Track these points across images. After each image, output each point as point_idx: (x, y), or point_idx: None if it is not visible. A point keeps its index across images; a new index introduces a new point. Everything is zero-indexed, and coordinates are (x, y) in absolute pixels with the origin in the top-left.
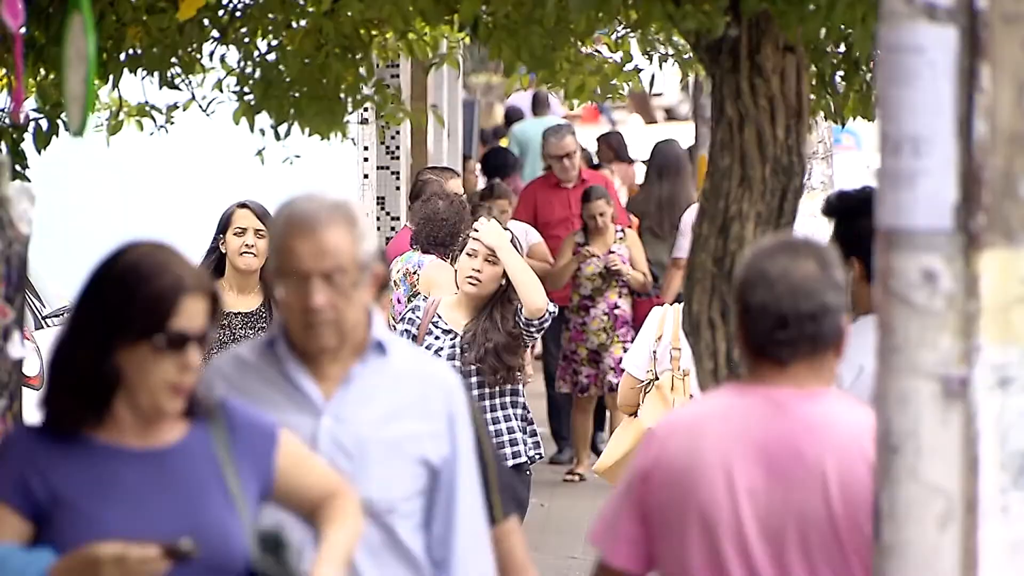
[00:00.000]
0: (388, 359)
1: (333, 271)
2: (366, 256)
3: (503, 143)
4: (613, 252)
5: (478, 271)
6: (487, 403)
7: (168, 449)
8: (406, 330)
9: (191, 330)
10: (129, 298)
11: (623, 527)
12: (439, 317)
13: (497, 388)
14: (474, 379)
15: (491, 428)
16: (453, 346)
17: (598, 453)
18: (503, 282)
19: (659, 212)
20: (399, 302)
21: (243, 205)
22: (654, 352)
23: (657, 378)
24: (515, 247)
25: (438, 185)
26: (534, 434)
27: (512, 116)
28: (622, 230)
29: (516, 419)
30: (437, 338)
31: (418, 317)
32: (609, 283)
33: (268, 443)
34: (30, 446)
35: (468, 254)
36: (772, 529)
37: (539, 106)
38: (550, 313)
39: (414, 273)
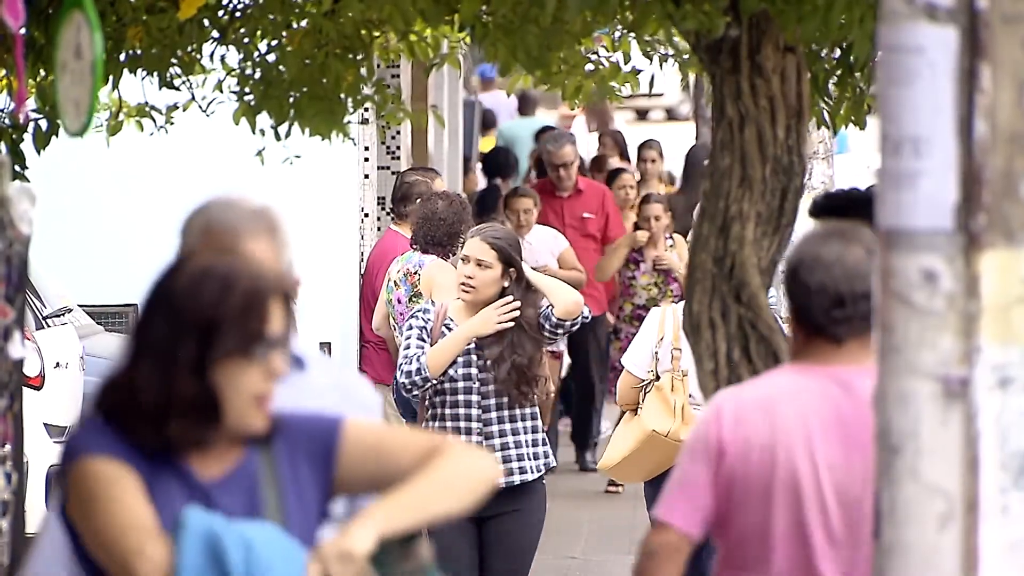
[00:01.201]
0: (307, 374)
1: None
2: (287, 266)
3: (488, 143)
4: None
5: (470, 277)
6: (494, 415)
7: (215, 483)
8: (422, 327)
9: (280, 335)
10: (220, 308)
11: (694, 495)
12: (451, 320)
13: (517, 403)
14: (492, 398)
15: (497, 444)
16: (468, 352)
17: (582, 448)
18: (504, 284)
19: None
20: (399, 302)
21: None
22: (656, 352)
23: (658, 378)
24: (518, 256)
25: (425, 185)
26: (545, 443)
27: (488, 120)
28: (671, 236)
29: (526, 432)
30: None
31: (429, 320)
32: (665, 293)
33: (327, 443)
34: (115, 432)
35: (462, 260)
36: (849, 497)
37: (526, 106)
38: (583, 317)
39: (415, 273)
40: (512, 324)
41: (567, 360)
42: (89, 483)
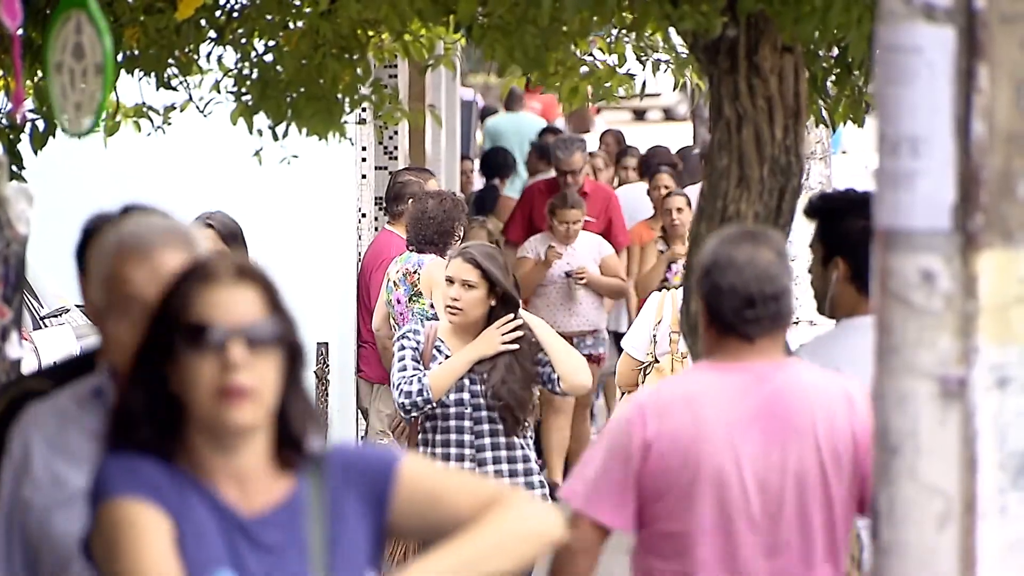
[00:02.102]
0: None
1: None
2: None
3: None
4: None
5: (456, 300)
6: (488, 440)
7: (260, 519)
8: (415, 347)
9: (223, 322)
10: (159, 305)
11: (614, 490)
12: (441, 342)
13: (511, 430)
14: (485, 424)
15: (490, 471)
16: (459, 377)
17: None
18: (492, 303)
19: None
20: (399, 302)
21: (207, 223)
22: (654, 335)
23: (657, 360)
24: (500, 273)
25: (418, 186)
26: (540, 471)
27: (486, 115)
28: None
29: (520, 461)
30: (441, 364)
31: (420, 342)
32: None
33: (382, 482)
34: (146, 464)
35: (446, 281)
36: (770, 486)
37: (513, 102)
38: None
39: (414, 273)
40: (513, 346)
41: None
42: (114, 528)
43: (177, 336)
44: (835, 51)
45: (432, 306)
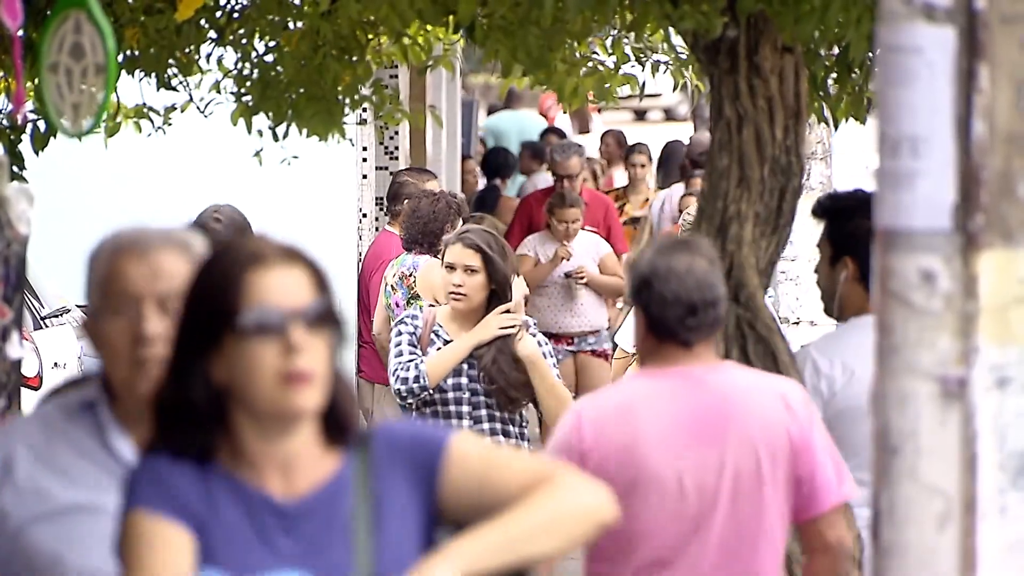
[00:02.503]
0: None
1: (169, 295)
2: None
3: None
4: None
5: (459, 285)
6: (486, 426)
7: (308, 499)
8: (412, 332)
9: (282, 305)
10: (194, 295)
11: None
12: (440, 326)
13: (508, 412)
14: (483, 409)
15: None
16: (457, 363)
17: None
18: (492, 287)
19: None
20: (398, 306)
21: (215, 216)
22: None
23: None
24: (500, 256)
25: (414, 186)
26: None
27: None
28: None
29: (519, 442)
30: (440, 350)
31: (418, 327)
32: None
33: (431, 460)
34: (176, 470)
35: (447, 268)
36: (706, 488)
37: (512, 100)
38: None
39: (409, 275)
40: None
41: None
42: (131, 539)
43: (230, 322)
44: (836, 50)
45: (431, 307)
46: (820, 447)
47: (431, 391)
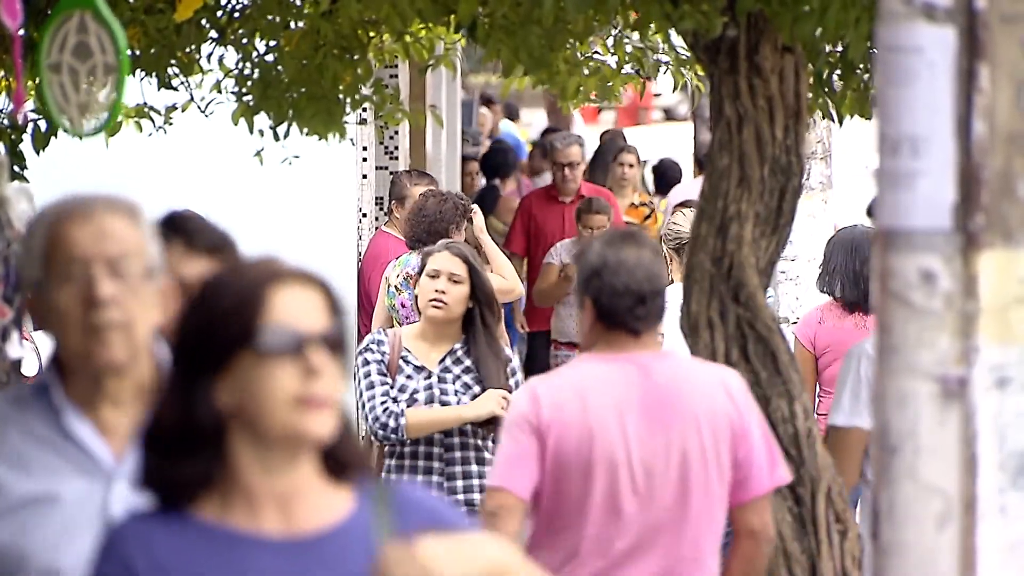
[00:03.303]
0: None
1: (119, 257)
2: (154, 257)
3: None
4: None
5: (442, 292)
6: (458, 454)
7: (317, 539)
8: (379, 360)
9: (302, 326)
10: (204, 311)
11: (524, 471)
12: (407, 351)
13: (480, 439)
14: (455, 437)
15: (459, 485)
16: (429, 387)
17: None
18: (470, 304)
19: None
20: (404, 306)
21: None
22: None
23: None
24: (483, 273)
25: (406, 188)
26: None
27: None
28: None
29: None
30: (410, 377)
31: (385, 353)
32: None
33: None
34: (140, 537)
35: (429, 276)
36: (654, 468)
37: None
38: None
39: (416, 276)
40: (476, 358)
41: None
42: None
43: (246, 340)
44: (839, 47)
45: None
46: (757, 434)
47: (406, 441)
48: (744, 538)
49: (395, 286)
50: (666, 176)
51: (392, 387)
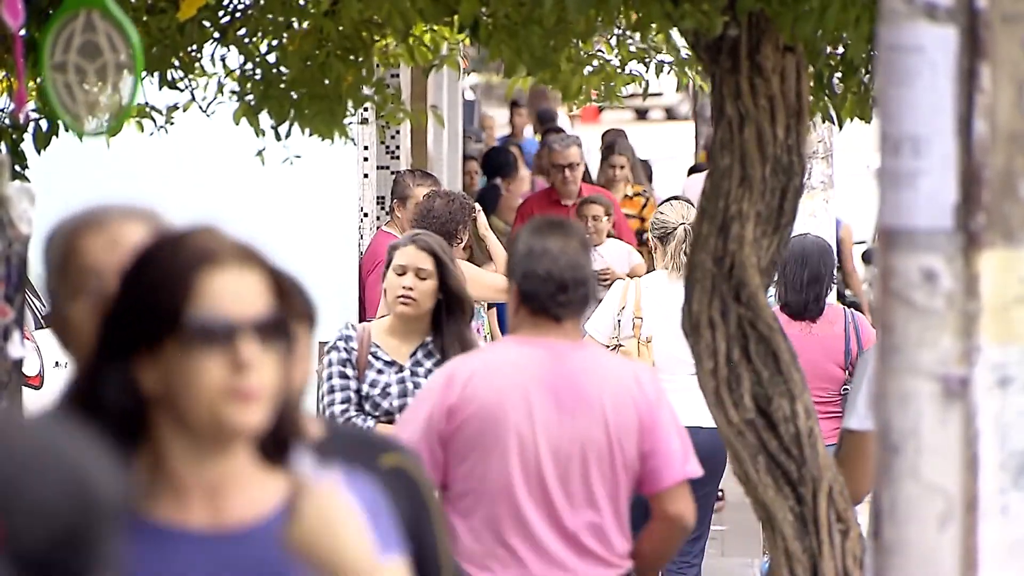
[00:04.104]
0: None
1: None
2: None
3: None
4: None
5: (410, 288)
6: None
7: (244, 531)
8: (345, 360)
9: (232, 313)
10: (131, 288)
11: (426, 451)
12: (377, 346)
13: None
14: None
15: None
16: (402, 380)
17: None
18: (439, 296)
19: None
20: None
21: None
22: (618, 320)
23: (621, 344)
24: (451, 263)
25: (408, 188)
26: None
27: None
28: None
29: None
30: (381, 371)
31: (353, 350)
32: None
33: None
34: None
35: (396, 272)
36: (560, 453)
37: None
38: None
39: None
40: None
41: None
42: None
43: (173, 324)
44: (840, 48)
45: (476, 302)
46: (667, 426)
47: (374, 416)
48: (659, 520)
49: None
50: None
51: (361, 384)
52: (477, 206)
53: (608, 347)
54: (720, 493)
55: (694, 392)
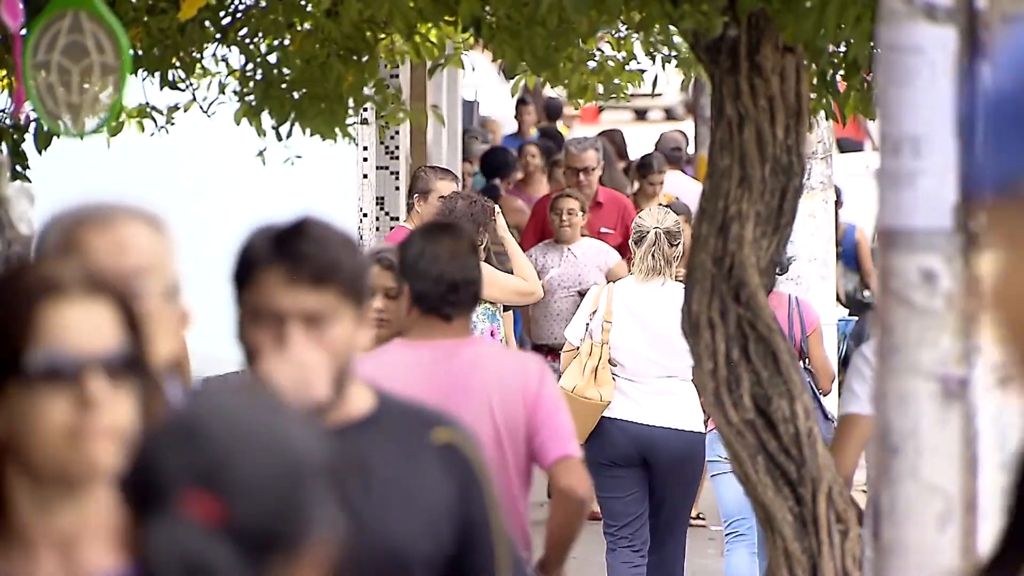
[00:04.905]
0: None
1: (137, 272)
2: (175, 277)
3: None
4: None
5: (381, 311)
6: None
7: None
8: None
9: (77, 348)
10: None
11: None
12: None
13: None
14: None
15: None
16: None
17: None
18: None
19: None
20: None
21: None
22: (588, 324)
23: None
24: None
25: (424, 182)
26: None
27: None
28: None
29: None
30: None
31: None
32: None
33: None
34: None
35: None
36: None
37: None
38: None
39: None
40: None
41: None
42: None
43: (12, 363)
44: (842, 47)
45: (492, 304)
46: (552, 406)
47: None
48: (556, 496)
49: None
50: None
51: None
52: (497, 208)
53: (577, 348)
54: (702, 519)
55: (670, 396)
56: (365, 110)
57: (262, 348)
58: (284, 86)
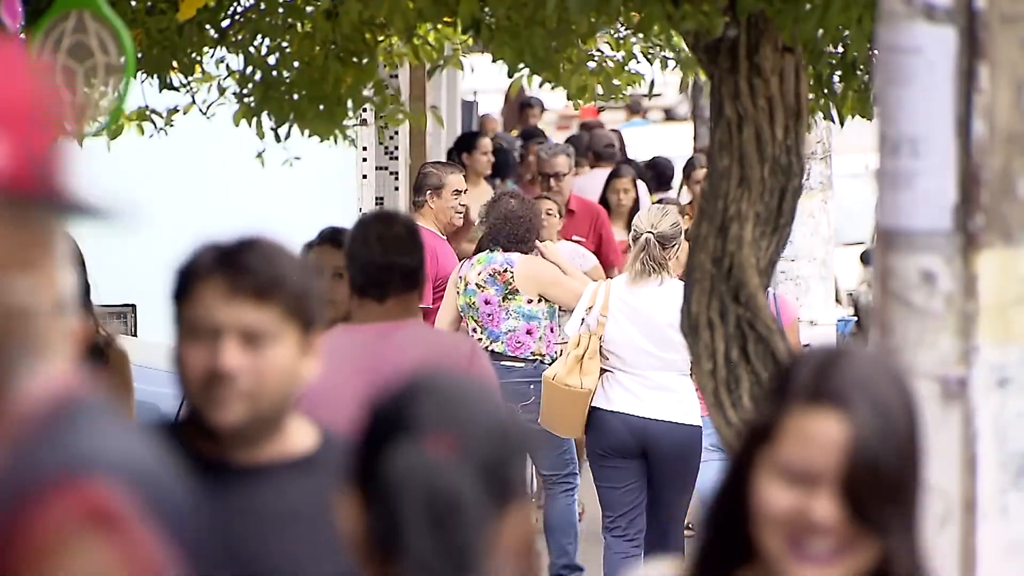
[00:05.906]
0: None
1: None
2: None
3: None
4: None
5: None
6: None
7: None
8: None
9: None
10: None
11: None
12: None
13: None
14: None
15: None
16: None
17: None
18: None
19: None
20: (488, 303)
21: None
22: (584, 318)
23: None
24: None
25: (436, 178)
26: None
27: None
28: None
29: None
30: None
31: None
32: None
33: None
34: None
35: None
36: None
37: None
38: None
39: (504, 271)
40: None
41: None
42: None
43: None
44: (840, 48)
45: (530, 301)
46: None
47: None
48: None
49: (476, 284)
50: (661, 174)
51: None
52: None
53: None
54: (690, 526)
55: (668, 390)
56: (364, 111)
57: (195, 369)
58: (283, 88)
